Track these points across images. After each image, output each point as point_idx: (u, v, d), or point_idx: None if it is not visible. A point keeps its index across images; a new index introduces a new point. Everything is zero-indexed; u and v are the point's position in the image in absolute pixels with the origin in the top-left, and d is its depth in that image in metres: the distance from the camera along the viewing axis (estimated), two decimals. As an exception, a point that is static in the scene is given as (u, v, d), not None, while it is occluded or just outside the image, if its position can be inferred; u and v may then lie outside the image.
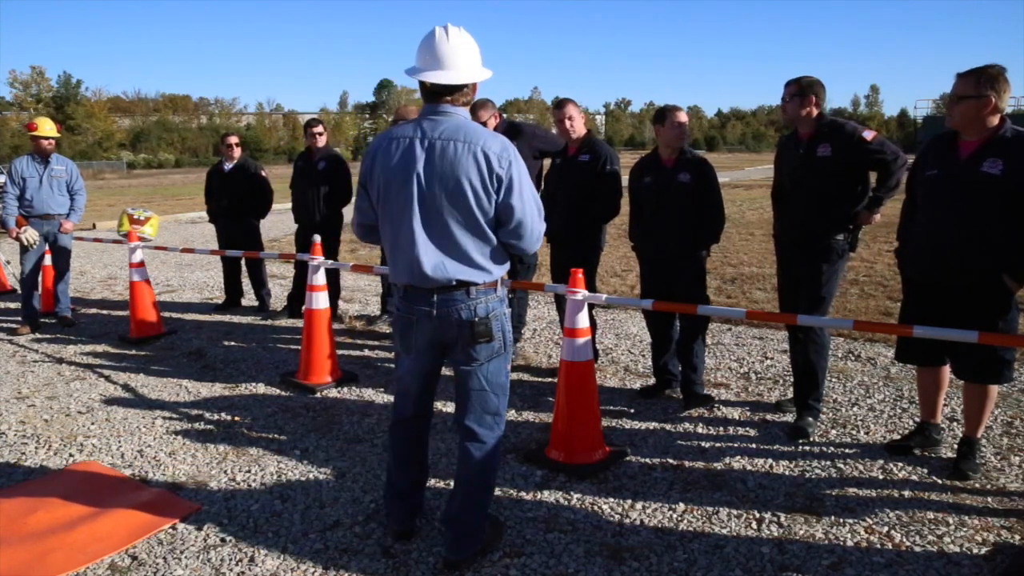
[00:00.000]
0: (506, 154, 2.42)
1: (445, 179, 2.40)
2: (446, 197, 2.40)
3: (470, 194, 2.40)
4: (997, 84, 2.99)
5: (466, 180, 2.38)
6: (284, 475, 3.45)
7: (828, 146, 3.62)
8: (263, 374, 5.02)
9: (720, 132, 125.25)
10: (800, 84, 3.67)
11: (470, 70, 2.45)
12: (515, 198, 2.44)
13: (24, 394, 4.69)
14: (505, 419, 2.73)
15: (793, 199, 3.82)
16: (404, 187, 2.45)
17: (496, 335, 2.55)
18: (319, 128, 6.48)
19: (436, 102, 2.47)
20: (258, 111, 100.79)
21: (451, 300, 2.48)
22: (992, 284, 3.08)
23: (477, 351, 2.54)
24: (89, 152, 63.62)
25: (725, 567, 2.66)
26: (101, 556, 2.79)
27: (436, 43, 2.42)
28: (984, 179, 3.02)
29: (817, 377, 3.84)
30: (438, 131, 2.43)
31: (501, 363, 2.62)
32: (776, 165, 4.04)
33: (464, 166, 2.38)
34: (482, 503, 2.70)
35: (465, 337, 2.51)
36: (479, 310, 2.50)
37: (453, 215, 2.42)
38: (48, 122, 6.43)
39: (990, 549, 2.73)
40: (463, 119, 2.47)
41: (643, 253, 4.34)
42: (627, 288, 7.63)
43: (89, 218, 14.95)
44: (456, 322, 2.50)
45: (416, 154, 2.43)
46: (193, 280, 8.82)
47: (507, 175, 2.41)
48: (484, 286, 2.51)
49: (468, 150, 2.38)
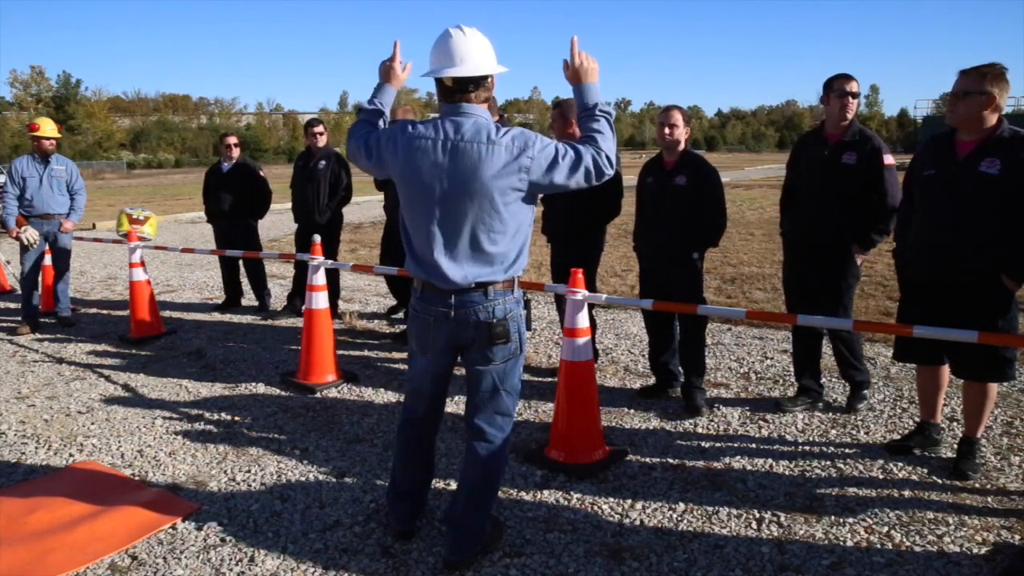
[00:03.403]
0: (528, 142, 2.39)
1: (468, 182, 2.36)
2: (469, 200, 2.38)
3: (496, 194, 2.37)
4: (999, 82, 3.01)
5: (491, 181, 2.35)
6: (284, 475, 3.45)
7: (854, 154, 3.77)
8: (263, 374, 5.02)
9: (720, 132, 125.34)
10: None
11: (486, 64, 2.42)
12: (561, 162, 2.39)
13: (24, 394, 4.69)
14: (513, 421, 2.72)
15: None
16: (425, 190, 2.42)
17: (513, 336, 2.54)
18: (319, 128, 6.49)
19: (455, 101, 2.43)
20: (258, 111, 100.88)
21: (469, 301, 2.46)
22: (991, 283, 3.08)
23: (493, 352, 2.52)
24: (89, 152, 63.63)
25: (725, 567, 2.66)
26: (101, 556, 2.78)
27: (450, 41, 2.39)
28: (982, 179, 3.02)
29: (855, 351, 4.09)
30: (459, 133, 2.39)
31: (516, 365, 2.61)
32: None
33: (489, 167, 2.35)
34: (486, 504, 2.69)
35: (482, 338, 2.49)
36: (497, 311, 2.47)
37: (476, 217, 2.39)
38: (50, 122, 6.44)
39: (990, 549, 2.73)
40: (484, 120, 2.42)
41: (641, 253, 4.36)
42: (627, 288, 7.63)
43: (89, 218, 14.96)
44: (474, 323, 2.48)
45: (438, 157, 2.39)
46: (193, 280, 8.82)
47: (538, 159, 2.38)
48: (502, 287, 2.49)
49: (491, 151, 2.35)
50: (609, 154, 2.45)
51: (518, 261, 2.52)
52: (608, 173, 2.46)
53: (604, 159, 2.44)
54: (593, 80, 2.51)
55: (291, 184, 6.53)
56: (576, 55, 2.49)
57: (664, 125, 4.08)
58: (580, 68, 2.49)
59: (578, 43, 2.49)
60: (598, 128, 2.47)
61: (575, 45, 2.49)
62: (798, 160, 4.10)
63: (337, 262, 5.49)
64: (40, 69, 68.34)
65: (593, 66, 2.51)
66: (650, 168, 4.31)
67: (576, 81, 2.51)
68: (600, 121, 2.47)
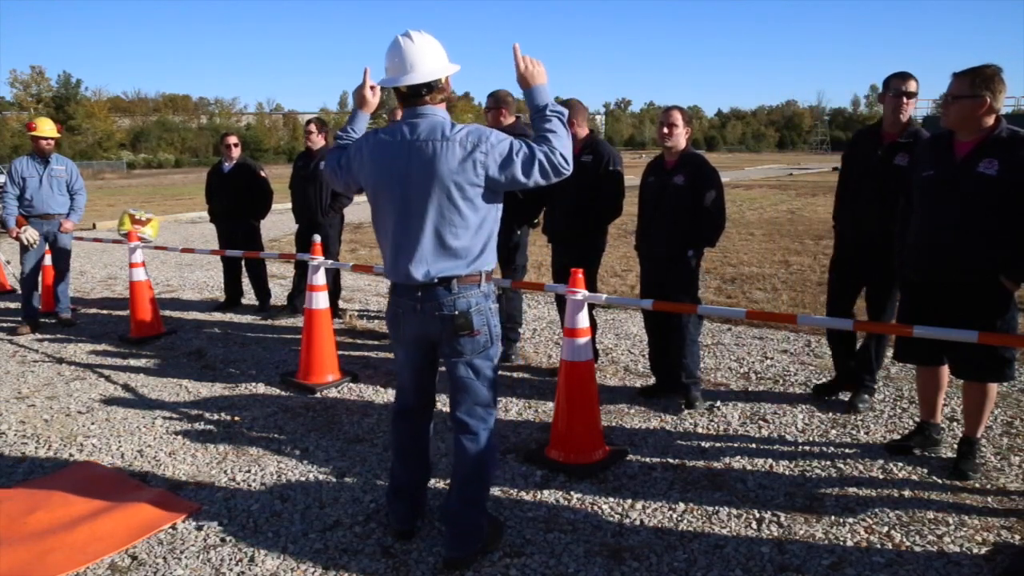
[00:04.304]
0: (482, 138, 2.46)
1: (426, 179, 2.46)
2: (428, 196, 2.47)
3: (454, 189, 2.45)
4: (993, 84, 2.99)
5: (448, 176, 2.44)
6: (284, 475, 3.45)
7: (907, 156, 3.68)
8: (263, 374, 5.02)
9: (720, 132, 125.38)
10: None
11: (437, 67, 2.51)
12: (516, 159, 2.46)
13: (24, 394, 4.69)
14: (495, 413, 2.75)
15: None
16: (388, 191, 2.55)
17: (480, 329, 2.59)
18: (311, 127, 6.49)
19: (412, 105, 2.53)
20: (258, 111, 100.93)
21: (434, 295, 2.54)
22: (990, 283, 3.08)
23: (462, 344, 2.58)
24: (89, 152, 63.59)
25: (725, 567, 2.66)
26: (101, 556, 2.79)
27: (400, 49, 2.49)
28: (980, 179, 3.02)
29: (880, 356, 4.17)
30: (416, 132, 2.50)
31: (489, 356, 2.66)
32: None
33: (445, 163, 2.44)
34: (478, 498, 2.71)
35: (448, 331, 2.56)
36: (460, 304, 2.54)
37: (437, 213, 2.48)
38: (48, 122, 6.43)
39: (990, 549, 2.73)
40: (440, 119, 2.52)
41: (642, 253, 4.37)
42: (627, 288, 7.63)
43: (89, 218, 14.96)
44: (439, 317, 2.56)
45: (398, 158, 2.51)
46: (193, 280, 8.82)
47: (492, 154, 2.45)
48: (466, 281, 2.55)
49: (446, 148, 2.44)
50: (564, 152, 2.51)
51: (483, 255, 2.58)
52: (565, 171, 2.53)
53: (559, 157, 2.50)
54: (541, 82, 2.58)
55: (290, 184, 6.53)
56: (520, 61, 2.57)
57: (664, 125, 4.10)
58: (526, 72, 2.57)
59: (520, 49, 2.57)
60: (551, 128, 2.53)
61: (518, 52, 2.58)
62: (851, 157, 4.06)
63: (337, 262, 5.49)
64: (40, 69, 68.39)
65: (539, 69, 2.58)
66: (652, 168, 4.34)
67: (525, 85, 2.59)
68: (552, 121, 2.54)
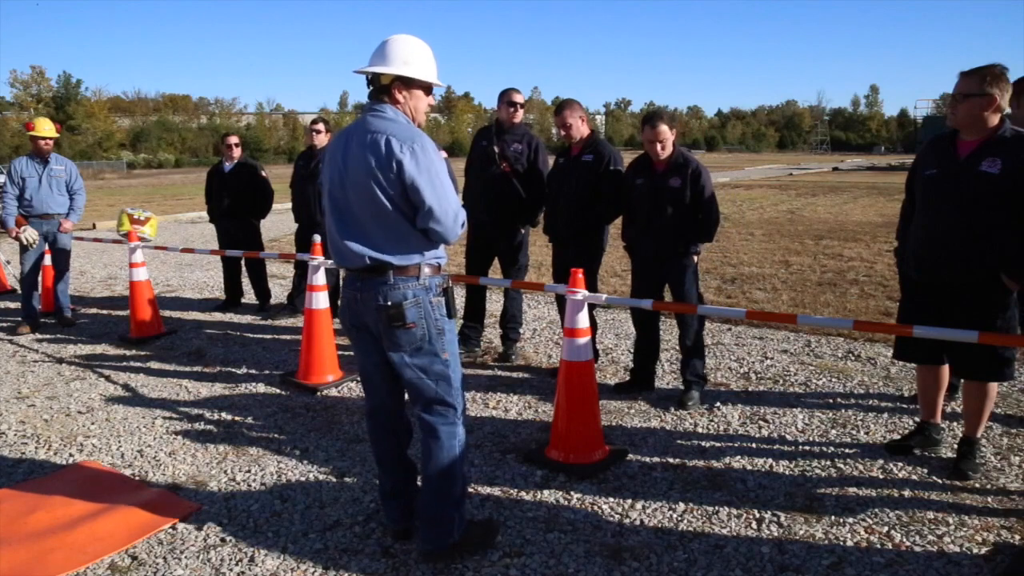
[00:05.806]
0: (409, 141, 2.46)
1: (353, 170, 2.50)
2: (355, 187, 2.51)
3: (373, 182, 2.47)
4: (1000, 83, 3.01)
5: (367, 169, 2.47)
6: (284, 475, 3.45)
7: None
8: (263, 374, 5.01)
9: (720, 132, 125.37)
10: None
11: (404, 65, 2.53)
12: (421, 181, 2.45)
13: (24, 394, 4.69)
14: (460, 406, 2.69)
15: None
16: (329, 183, 2.61)
17: (418, 323, 2.55)
18: (318, 126, 6.50)
19: (373, 99, 2.58)
20: (258, 111, 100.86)
21: (372, 284, 2.55)
22: (991, 282, 3.08)
23: (398, 337, 2.56)
24: (89, 152, 63.61)
25: (725, 567, 2.66)
26: (101, 556, 2.78)
27: (385, 42, 2.55)
28: (983, 178, 3.02)
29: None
30: (360, 126, 2.54)
31: (433, 352, 2.61)
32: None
33: (368, 155, 2.47)
34: (445, 492, 2.67)
35: (382, 321, 2.55)
36: (394, 295, 2.53)
37: (363, 203, 2.51)
38: (47, 122, 6.43)
39: (990, 549, 2.73)
40: (389, 116, 2.53)
41: (636, 252, 4.37)
42: (627, 288, 7.62)
43: (89, 218, 14.95)
44: (374, 307, 2.56)
45: (337, 154, 2.57)
46: (193, 280, 8.82)
47: (408, 160, 2.44)
48: (403, 272, 2.54)
49: (372, 140, 2.47)
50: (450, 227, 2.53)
51: (423, 249, 2.57)
52: (445, 239, 2.57)
53: (444, 226, 2.52)
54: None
55: (291, 184, 6.53)
56: None
57: (654, 143, 4.06)
58: None
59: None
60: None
61: None
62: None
63: (337, 262, 5.48)
64: (40, 69, 68.46)
65: None
66: (638, 169, 4.28)
67: None
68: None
